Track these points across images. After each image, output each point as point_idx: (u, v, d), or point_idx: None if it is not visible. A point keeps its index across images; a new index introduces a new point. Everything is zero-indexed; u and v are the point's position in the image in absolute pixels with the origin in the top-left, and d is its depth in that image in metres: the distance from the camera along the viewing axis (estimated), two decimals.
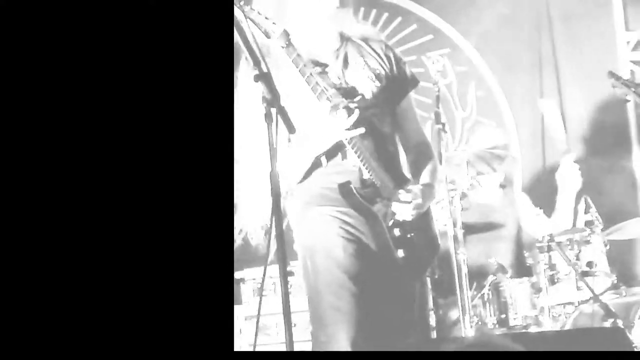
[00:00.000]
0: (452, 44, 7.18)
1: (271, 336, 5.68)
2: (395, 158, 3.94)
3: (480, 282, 5.76)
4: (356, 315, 3.68)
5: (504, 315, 5.69)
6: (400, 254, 3.80)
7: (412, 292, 3.93)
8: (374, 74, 3.90)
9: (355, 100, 3.74)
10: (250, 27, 3.43)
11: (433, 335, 5.44)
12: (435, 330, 5.60)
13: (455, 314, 5.54)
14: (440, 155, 4.46)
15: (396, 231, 3.81)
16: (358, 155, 3.72)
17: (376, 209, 3.79)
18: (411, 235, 3.84)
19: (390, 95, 3.93)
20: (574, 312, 5.59)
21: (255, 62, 3.20)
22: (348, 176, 3.77)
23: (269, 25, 3.62)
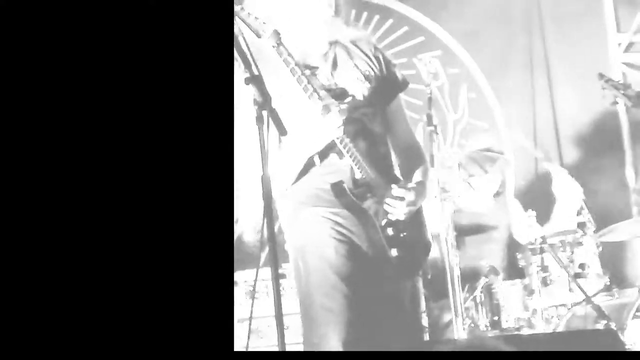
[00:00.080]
0: (444, 46, 7.19)
1: (263, 339, 5.67)
2: (387, 158, 3.94)
3: (472, 285, 5.76)
4: (348, 317, 3.68)
5: (496, 318, 5.69)
6: (393, 253, 3.80)
7: (405, 294, 3.93)
8: (363, 75, 3.90)
9: (345, 102, 3.74)
10: (240, 28, 3.43)
11: (425, 338, 5.44)
12: (428, 333, 5.60)
13: (448, 316, 5.53)
14: (432, 157, 4.45)
15: (389, 230, 3.81)
16: (350, 155, 3.72)
17: (367, 204, 3.78)
18: (404, 234, 3.84)
19: (380, 96, 3.93)
20: (566, 314, 5.59)
21: (246, 65, 3.20)
22: (340, 176, 3.76)
23: (259, 25, 3.62)
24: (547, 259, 5.64)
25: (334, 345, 3.64)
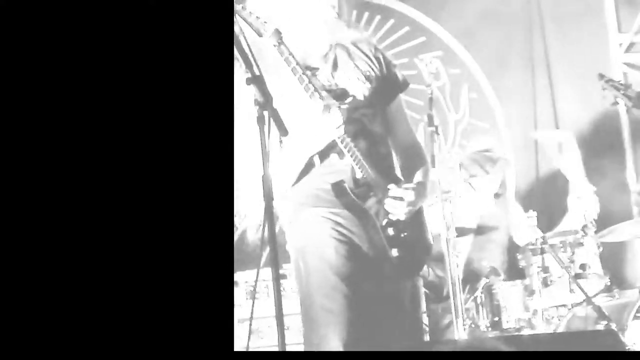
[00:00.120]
0: (445, 46, 7.18)
1: (264, 339, 5.67)
2: (387, 159, 3.93)
3: (473, 285, 5.75)
4: (348, 317, 3.67)
5: (497, 318, 5.68)
6: (394, 253, 3.80)
7: (405, 294, 3.93)
8: (364, 76, 3.90)
9: (346, 102, 3.74)
10: (241, 28, 3.43)
11: (426, 338, 5.43)
12: (428, 333, 5.60)
13: (448, 317, 5.53)
14: (433, 157, 4.45)
15: (390, 230, 3.81)
16: (351, 154, 3.72)
17: (368, 204, 3.78)
18: (405, 234, 3.83)
19: (381, 97, 3.93)
20: (567, 315, 5.59)
21: (247, 65, 3.20)
22: (341, 176, 3.76)
23: (260, 24, 3.62)
24: (548, 259, 5.63)
25: (335, 345, 3.64)
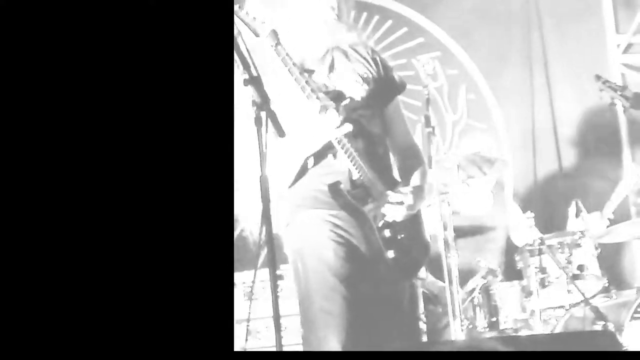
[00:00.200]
0: (443, 47, 7.18)
1: (261, 340, 5.66)
2: (385, 160, 3.94)
3: (470, 286, 5.75)
4: (347, 318, 3.68)
5: (494, 319, 5.67)
6: (390, 254, 3.80)
7: (403, 295, 3.93)
8: (361, 78, 3.90)
9: (343, 104, 3.74)
10: (239, 29, 3.42)
11: (424, 339, 5.43)
12: (426, 334, 5.59)
13: (446, 317, 5.52)
14: (430, 158, 4.44)
15: (386, 232, 3.81)
16: (348, 155, 3.72)
17: (366, 209, 3.78)
18: (401, 236, 3.83)
19: (378, 98, 3.93)
20: (564, 316, 5.59)
21: (245, 66, 3.20)
22: (338, 177, 3.76)
23: (258, 24, 3.62)
24: (546, 260, 5.62)
25: (333, 346, 3.64)
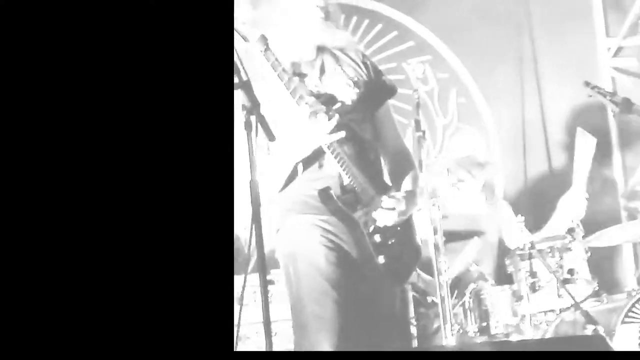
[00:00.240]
0: (433, 50, 7.17)
1: (251, 346, 5.64)
2: (375, 164, 3.93)
3: (461, 290, 5.73)
4: (338, 323, 3.68)
5: (485, 324, 5.66)
6: (380, 260, 3.79)
7: (394, 300, 3.92)
8: (352, 81, 3.89)
9: (334, 108, 3.73)
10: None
11: (414, 344, 5.42)
12: (416, 339, 5.58)
13: (437, 322, 5.51)
14: (420, 162, 4.43)
15: (377, 237, 3.80)
16: (338, 161, 3.71)
17: (356, 215, 3.78)
18: (392, 241, 3.83)
19: (368, 102, 3.92)
20: (555, 320, 5.58)
21: (235, 71, 3.19)
22: (328, 182, 3.76)
23: (247, 29, 3.61)
24: (536, 264, 5.61)
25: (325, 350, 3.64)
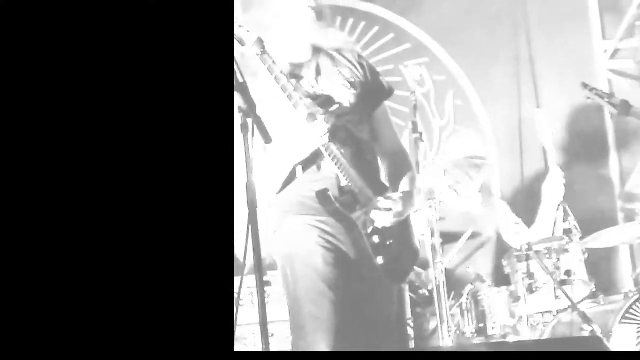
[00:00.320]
0: (430, 52, 7.18)
1: (247, 346, 5.64)
2: (372, 165, 3.94)
3: (458, 291, 5.74)
4: (336, 324, 3.68)
5: (481, 324, 5.67)
6: (379, 260, 3.80)
7: (391, 300, 3.92)
8: (348, 82, 3.89)
9: (331, 109, 3.74)
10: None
11: (411, 345, 5.42)
12: (413, 340, 5.58)
13: (433, 323, 5.52)
14: (417, 164, 4.44)
15: (375, 238, 3.81)
16: (335, 162, 3.72)
17: (354, 216, 3.78)
18: (390, 242, 3.83)
19: (365, 103, 3.93)
20: (552, 321, 5.59)
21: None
22: (326, 183, 3.76)
23: (243, 32, 3.62)
24: (533, 265, 5.62)
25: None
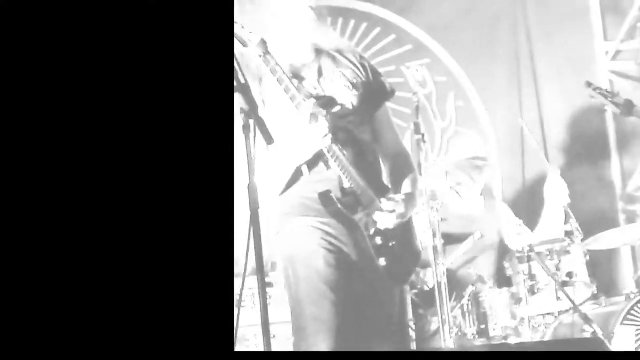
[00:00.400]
0: (432, 53, 7.18)
1: (249, 347, 5.64)
2: (374, 167, 3.93)
3: (459, 293, 5.74)
4: (337, 325, 3.67)
5: (483, 326, 5.67)
6: (381, 262, 3.79)
7: (393, 303, 3.92)
8: (350, 83, 3.89)
9: (334, 111, 3.73)
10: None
11: (413, 347, 5.42)
12: (415, 341, 5.58)
13: (435, 324, 5.51)
14: (419, 165, 4.44)
15: (377, 239, 3.80)
16: (337, 164, 3.71)
17: (357, 217, 3.78)
18: (392, 243, 3.83)
19: (367, 104, 3.93)
20: (553, 323, 5.59)
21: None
22: (328, 185, 3.76)
23: (246, 33, 3.62)
24: (535, 267, 5.62)
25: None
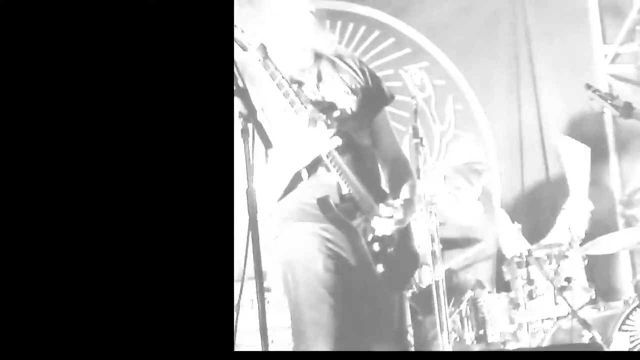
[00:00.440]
0: (430, 57, 7.17)
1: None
2: (373, 172, 3.92)
3: (458, 298, 5.73)
4: (336, 330, 3.67)
5: (482, 331, 5.66)
6: (379, 269, 3.78)
7: (392, 309, 3.91)
8: (349, 88, 3.89)
9: (334, 116, 3.73)
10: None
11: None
12: (414, 347, 5.57)
13: (434, 330, 5.51)
14: (418, 169, 4.43)
15: (375, 246, 3.79)
16: (336, 169, 3.70)
17: (355, 223, 3.77)
18: (391, 250, 3.82)
19: (366, 109, 3.92)
20: (552, 328, 5.59)
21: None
22: (326, 191, 3.75)
23: (245, 38, 3.61)
24: (533, 272, 5.62)
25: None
